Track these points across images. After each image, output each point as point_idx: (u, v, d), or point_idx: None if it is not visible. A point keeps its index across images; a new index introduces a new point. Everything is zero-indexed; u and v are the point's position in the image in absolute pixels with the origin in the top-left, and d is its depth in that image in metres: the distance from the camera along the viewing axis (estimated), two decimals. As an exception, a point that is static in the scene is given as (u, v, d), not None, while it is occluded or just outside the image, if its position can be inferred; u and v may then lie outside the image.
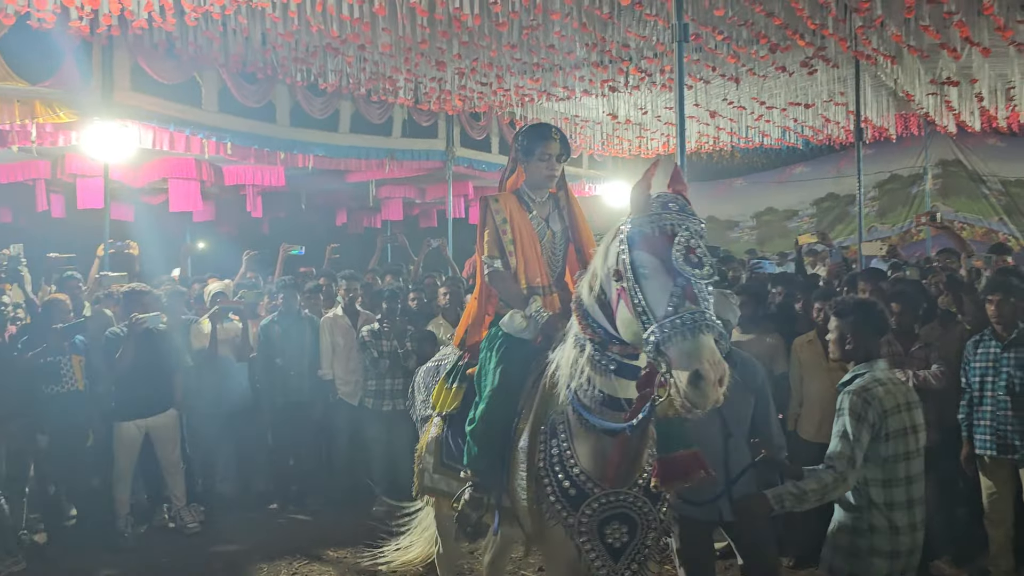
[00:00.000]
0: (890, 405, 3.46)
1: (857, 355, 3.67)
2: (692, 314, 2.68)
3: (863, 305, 3.75)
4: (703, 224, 2.93)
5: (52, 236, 11.22)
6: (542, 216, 3.94)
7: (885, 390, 3.49)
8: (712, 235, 16.35)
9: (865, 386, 3.51)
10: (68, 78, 8.13)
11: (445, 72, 9.82)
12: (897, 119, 13.53)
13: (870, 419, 3.43)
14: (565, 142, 3.90)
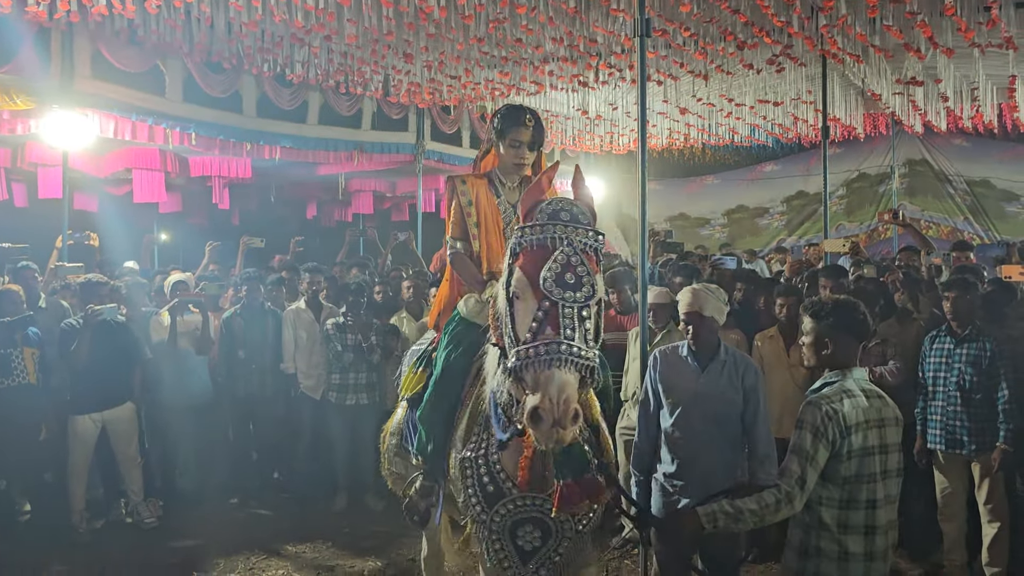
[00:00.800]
0: (855, 421, 3.09)
1: (834, 361, 3.27)
2: (548, 344, 2.53)
3: (843, 306, 3.30)
4: (599, 236, 2.77)
5: (14, 225, 11.02)
6: (511, 201, 3.83)
7: (852, 404, 3.12)
8: (683, 232, 16.44)
9: (828, 397, 3.15)
10: (26, 65, 7.99)
11: (413, 64, 9.76)
12: (865, 118, 13.62)
13: (829, 435, 3.07)
14: (539, 129, 3.77)
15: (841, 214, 16.88)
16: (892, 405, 3.26)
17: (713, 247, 15.39)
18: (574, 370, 2.55)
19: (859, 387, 3.21)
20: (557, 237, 2.69)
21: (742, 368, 4.20)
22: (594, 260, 2.75)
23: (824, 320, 3.28)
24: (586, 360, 2.58)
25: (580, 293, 2.61)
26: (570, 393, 2.51)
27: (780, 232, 17.88)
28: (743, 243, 17.19)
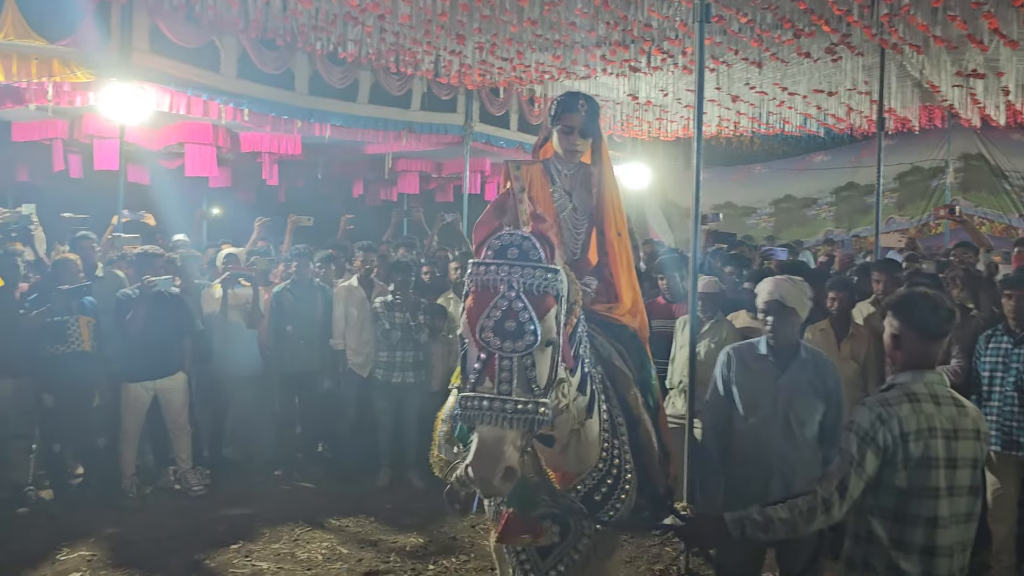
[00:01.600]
0: (915, 427, 2.76)
1: (907, 361, 2.92)
2: (479, 400, 2.46)
3: (919, 300, 2.94)
4: (549, 275, 2.58)
5: (69, 196, 11.26)
6: (566, 189, 3.79)
7: (913, 408, 2.78)
8: (729, 221, 16.26)
9: (886, 399, 2.84)
10: (86, 38, 8.10)
11: (465, 46, 9.75)
12: (921, 110, 13.35)
13: (880, 441, 2.76)
14: (593, 116, 3.70)
15: (892, 207, 16.57)
16: (973, 415, 2.89)
17: (759, 237, 15.24)
18: (509, 425, 2.45)
19: (930, 391, 2.85)
20: (501, 279, 2.54)
21: (823, 369, 3.99)
22: (545, 297, 2.58)
23: (900, 315, 2.95)
24: (522, 414, 2.46)
25: (520, 343, 2.48)
26: (498, 452, 2.42)
27: (827, 224, 17.63)
28: (789, 233, 16.99)
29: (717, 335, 5.77)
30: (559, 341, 2.63)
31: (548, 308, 2.57)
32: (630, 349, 3.66)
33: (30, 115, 10.07)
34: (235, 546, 5.82)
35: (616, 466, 3.18)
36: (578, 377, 2.93)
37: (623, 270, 3.75)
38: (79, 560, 5.55)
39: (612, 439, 3.20)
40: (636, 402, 3.35)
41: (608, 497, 3.17)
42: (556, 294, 2.61)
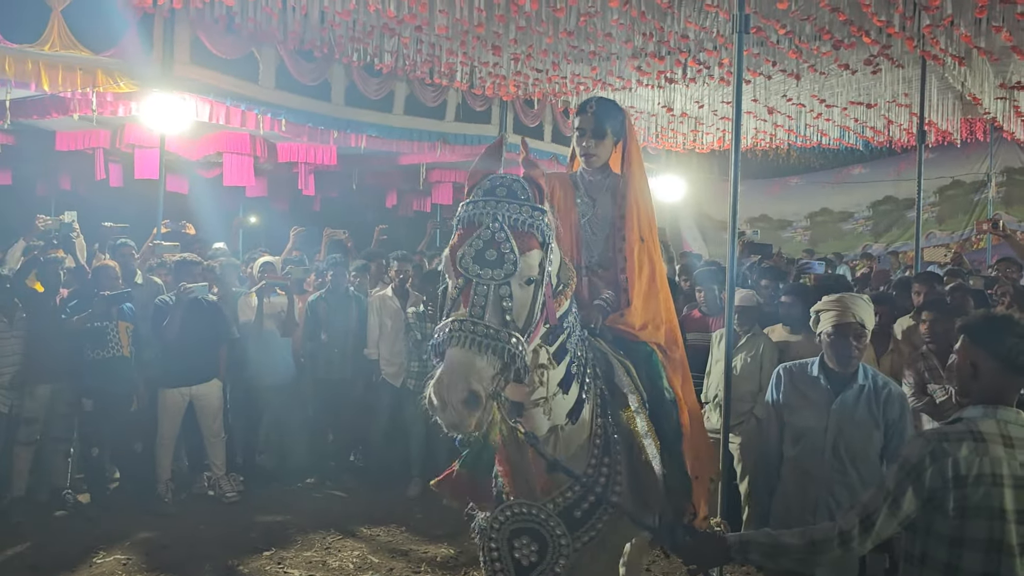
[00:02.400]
0: (975, 471, 2.41)
1: (981, 393, 2.55)
2: (454, 322, 2.36)
3: (1002, 325, 2.56)
4: (535, 212, 2.55)
5: (110, 205, 11.44)
6: (591, 196, 3.66)
7: (976, 449, 2.42)
8: (765, 234, 16.11)
9: (946, 434, 2.48)
10: (129, 49, 8.26)
11: (500, 57, 9.79)
12: (962, 123, 13.17)
13: (927, 480, 2.43)
14: (606, 116, 3.55)
15: (932, 222, 16.35)
16: None
17: (795, 250, 15.09)
18: (477, 349, 2.34)
19: (1003, 432, 2.48)
20: (487, 213, 2.49)
21: (884, 395, 3.61)
22: (529, 237, 2.52)
23: (981, 341, 2.56)
24: (493, 340, 2.35)
25: (500, 270, 2.42)
26: (462, 372, 2.31)
27: (864, 238, 17.43)
28: (825, 247, 16.81)
29: (754, 349, 5.69)
30: (541, 285, 2.55)
31: (531, 247, 2.52)
32: (641, 366, 3.42)
33: (74, 125, 10.29)
34: (267, 553, 5.84)
35: (602, 484, 2.95)
36: (562, 372, 2.79)
37: (640, 277, 3.54)
38: (115, 564, 5.60)
39: (603, 455, 2.99)
40: (632, 423, 3.11)
41: (589, 515, 2.95)
42: (541, 238, 2.55)
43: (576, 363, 2.87)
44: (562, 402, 2.83)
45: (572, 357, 2.83)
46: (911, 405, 5.26)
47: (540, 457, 2.78)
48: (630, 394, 3.16)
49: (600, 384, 3.09)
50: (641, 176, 3.67)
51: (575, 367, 2.85)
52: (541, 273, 2.55)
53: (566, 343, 2.80)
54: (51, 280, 6.57)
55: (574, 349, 2.86)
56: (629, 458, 3.07)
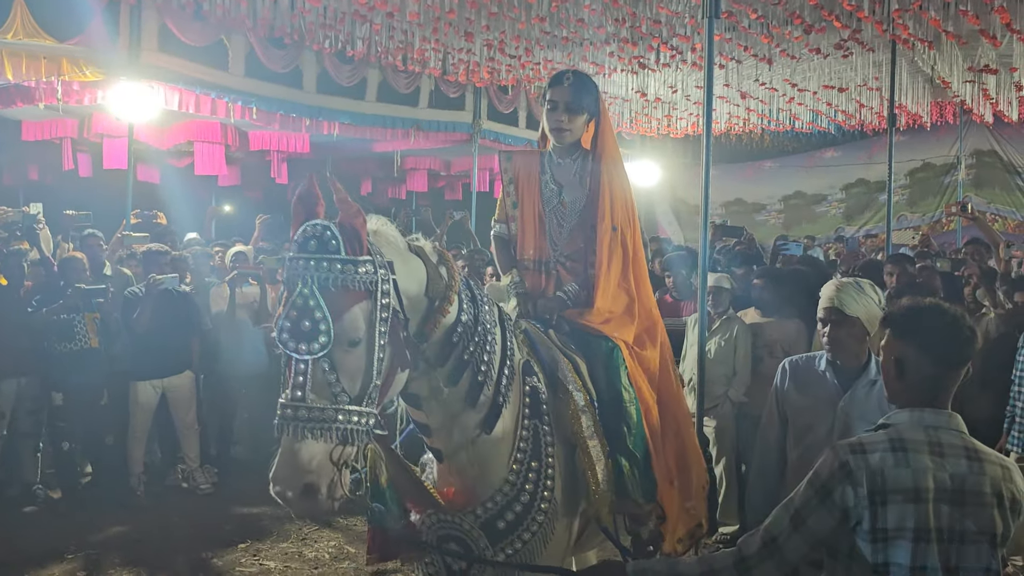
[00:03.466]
0: (899, 486, 2.09)
1: (914, 396, 2.23)
2: (279, 408, 2.22)
3: (932, 316, 2.24)
4: (352, 266, 2.27)
5: (79, 195, 11.29)
6: (559, 180, 3.40)
7: (896, 460, 2.11)
8: (739, 218, 16.22)
9: (863, 445, 2.17)
10: (95, 36, 8.14)
11: (473, 43, 9.74)
12: (932, 106, 13.29)
13: (837, 496, 2.12)
14: (583, 90, 3.30)
15: (903, 204, 16.51)
16: (997, 475, 2.14)
17: (768, 233, 15.17)
18: (303, 436, 2.19)
19: (931, 439, 2.15)
20: (298, 275, 2.26)
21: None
22: (347, 294, 2.27)
23: (907, 334, 2.24)
24: (318, 424, 2.20)
25: (315, 343, 2.21)
26: (292, 465, 2.19)
27: (838, 220, 17.57)
28: (799, 230, 16.92)
29: (728, 332, 5.73)
30: (375, 341, 2.30)
31: (349, 304, 2.27)
32: (598, 362, 3.20)
33: (40, 114, 10.12)
34: (243, 545, 5.81)
35: (529, 492, 2.75)
36: (464, 386, 2.64)
37: (608, 272, 3.29)
38: (87, 559, 5.54)
39: (531, 461, 2.79)
40: (577, 425, 2.91)
41: (515, 527, 2.74)
42: (364, 288, 2.29)
43: (483, 370, 2.68)
44: (469, 416, 2.69)
45: (476, 366, 2.65)
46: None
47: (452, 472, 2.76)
48: (575, 392, 2.97)
49: (536, 382, 2.89)
50: (615, 158, 3.41)
51: (480, 376, 2.66)
52: (371, 327, 2.30)
53: (463, 355, 2.63)
54: (15, 273, 6.46)
55: (478, 357, 2.66)
56: (569, 460, 2.91)
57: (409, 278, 2.47)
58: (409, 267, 2.50)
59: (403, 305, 2.40)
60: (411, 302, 2.47)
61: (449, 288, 2.60)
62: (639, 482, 3.06)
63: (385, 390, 2.38)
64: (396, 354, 2.38)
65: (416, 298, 2.51)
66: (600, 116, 3.40)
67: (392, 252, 2.46)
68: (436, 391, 2.62)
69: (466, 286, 2.72)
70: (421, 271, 2.55)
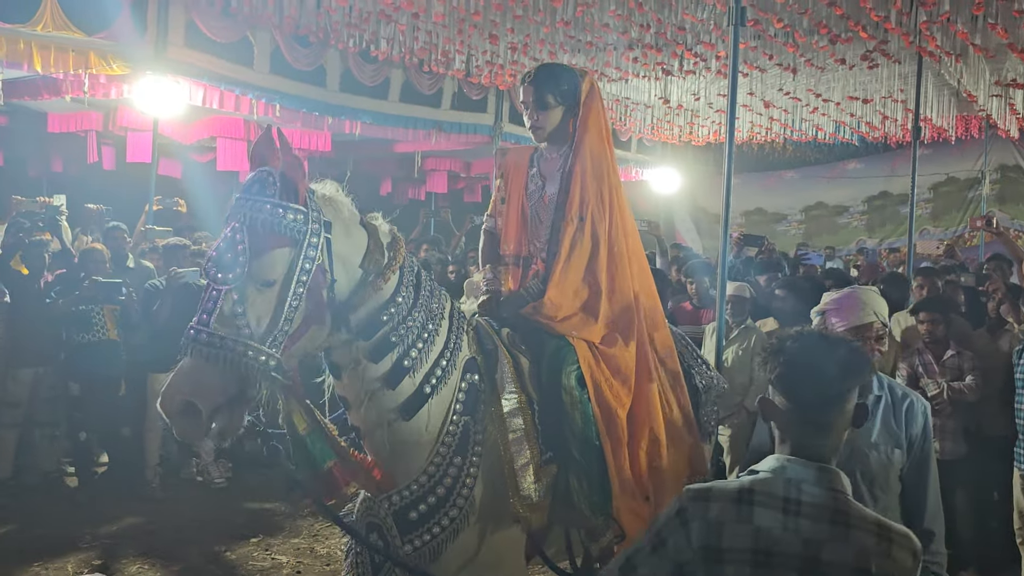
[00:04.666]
0: (733, 544, 1.83)
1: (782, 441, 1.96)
2: (187, 331, 2.32)
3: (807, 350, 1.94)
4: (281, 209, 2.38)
5: (102, 188, 11.39)
6: (544, 174, 3.29)
7: (743, 514, 1.84)
8: (759, 227, 16.14)
9: (708, 490, 1.92)
10: (123, 31, 8.19)
11: (497, 46, 9.74)
12: (958, 120, 13.16)
13: (672, 546, 1.88)
14: (544, 84, 3.16)
15: (926, 218, 16.37)
16: (862, 545, 1.79)
17: (788, 244, 15.10)
18: (201, 360, 2.28)
19: (793, 495, 1.84)
20: (235, 212, 2.39)
21: (905, 407, 2.93)
22: (272, 236, 2.37)
23: (764, 366, 2.01)
24: (216, 349, 2.27)
25: (229, 275, 2.32)
26: (180, 384, 2.27)
27: (859, 232, 17.46)
28: (820, 241, 16.84)
29: (745, 341, 5.71)
30: (290, 287, 2.38)
31: (271, 246, 2.37)
32: (542, 362, 3.04)
33: (66, 107, 10.21)
34: (255, 539, 5.83)
35: (446, 487, 2.70)
36: (385, 367, 2.65)
37: (566, 263, 3.10)
38: (101, 548, 5.59)
39: (454, 456, 2.74)
40: (502, 427, 2.83)
41: (426, 519, 2.70)
42: (290, 235, 2.39)
43: (412, 356, 2.68)
44: (387, 397, 2.69)
45: (403, 350, 2.67)
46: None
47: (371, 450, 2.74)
48: (510, 392, 2.89)
49: (476, 380, 2.85)
50: (595, 145, 3.20)
51: (408, 361, 2.68)
52: (290, 273, 2.39)
53: (390, 336, 2.65)
54: (36, 263, 6.52)
55: (408, 342, 2.68)
56: (495, 462, 2.82)
57: (348, 244, 2.58)
58: (351, 235, 2.61)
59: (332, 266, 2.50)
60: (345, 267, 2.57)
61: (388, 267, 2.66)
62: (586, 492, 2.91)
63: (294, 339, 2.44)
64: (313, 309, 2.46)
65: (351, 266, 2.60)
66: (582, 103, 3.20)
67: (335, 216, 2.56)
68: (356, 363, 2.65)
69: (413, 273, 2.77)
70: (362, 242, 2.64)
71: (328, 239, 2.48)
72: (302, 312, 2.43)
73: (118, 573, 5.28)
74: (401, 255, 2.73)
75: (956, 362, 5.31)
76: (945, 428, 5.23)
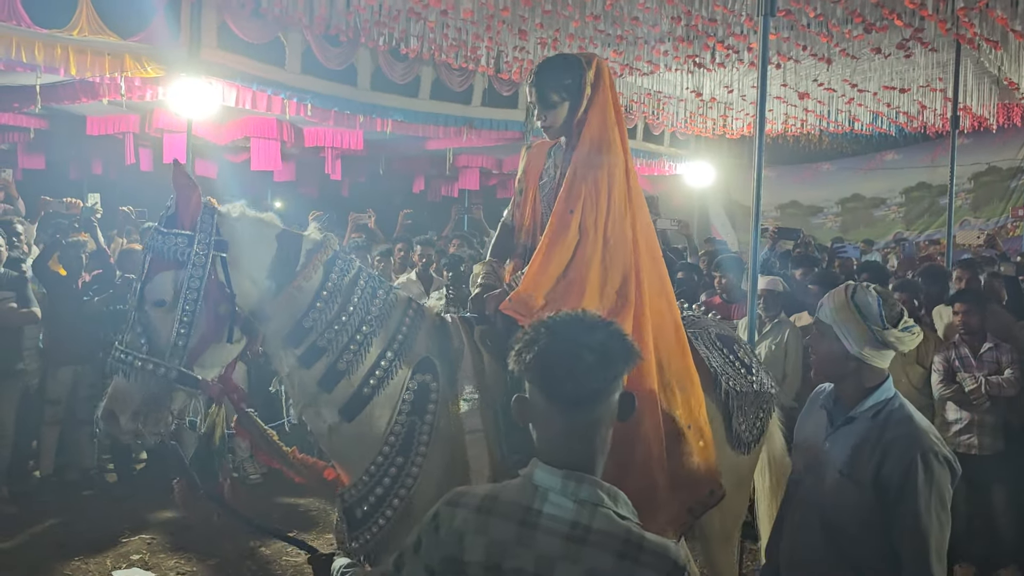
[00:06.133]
0: (471, 558, 1.65)
1: (538, 443, 1.75)
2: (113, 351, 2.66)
3: (560, 343, 1.67)
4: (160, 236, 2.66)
5: (139, 189, 11.56)
6: (557, 166, 3.21)
7: (481, 524, 1.66)
8: (795, 220, 15.98)
9: (460, 495, 1.76)
10: (157, 34, 8.33)
11: (527, 41, 9.73)
12: (999, 108, 12.90)
13: (424, 554, 1.72)
14: (545, 81, 3.07)
15: (967, 209, 16.07)
16: (597, 566, 1.57)
17: (824, 237, 14.91)
18: (113, 373, 2.62)
19: (534, 506, 1.65)
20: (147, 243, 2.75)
21: (890, 437, 2.35)
22: (160, 260, 2.63)
23: (520, 359, 1.73)
24: (123, 364, 2.58)
25: (131, 299, 2.66)
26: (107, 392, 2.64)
27: (896, 225, 17.18)
28: (857, 234, 16.60)
29: (779, 335, 5.64)
30: (180, 305, 2.60)
31: (160, 270, 2.63)
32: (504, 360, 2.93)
33: (103, 110, 10.38)
34: (289, 534, 5.87)
35: (384, 487, 2.73)
36: (319, 372, 2.73)
37: (547, 253, 2.98)
38: (140, 543, 5.68)
39: (397, 456, 2.74)
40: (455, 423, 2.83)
41: (368, 518, 2.75)
42: (176, 258, 2.62)
43: (346, 359, 2.74)
44: (325, 400, 2.77)
45: (336, 354, 2.73)
46: (939, 393, 5.19)
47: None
48: (470, 393, 2.85)
49: (428, 379, 2.83)
50: (596, 134, 3.07)
51: (342, 364, 2.73)
52: (178, 293, 2.60)
53: (317, 341, 2.73)
54: (73, 264, 6.63)
55: (338, 345, 2.74)
56: (448, 459, 2.81)
57: (252, 259, 2.73)
58: (256, 250, 2.75)
59: (229, 281, 2.66)
60: (252, 280, 2.73)
61: (299, 276, 2.75)
62: None
63: (198, 351, 2.64)
64: (212, 323, 2.65)
65: (258, 279, 2.74)
66: (584, 97, 3.06)
67: (233, 235, 2.71)
68: (292, 370, 2.77)
69: (347, 276, 2.82)
70: (269, 256, 2.76)
71: (223, 258, 2.66)
72: (200, 326, 2.62)
73: (155, 568, 5.36)
74: (318, 265, 2.78)
75: (994, 355, 5.19)
76: (984, 423, 5.13)
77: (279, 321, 2.73)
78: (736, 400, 3.37)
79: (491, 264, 3.32)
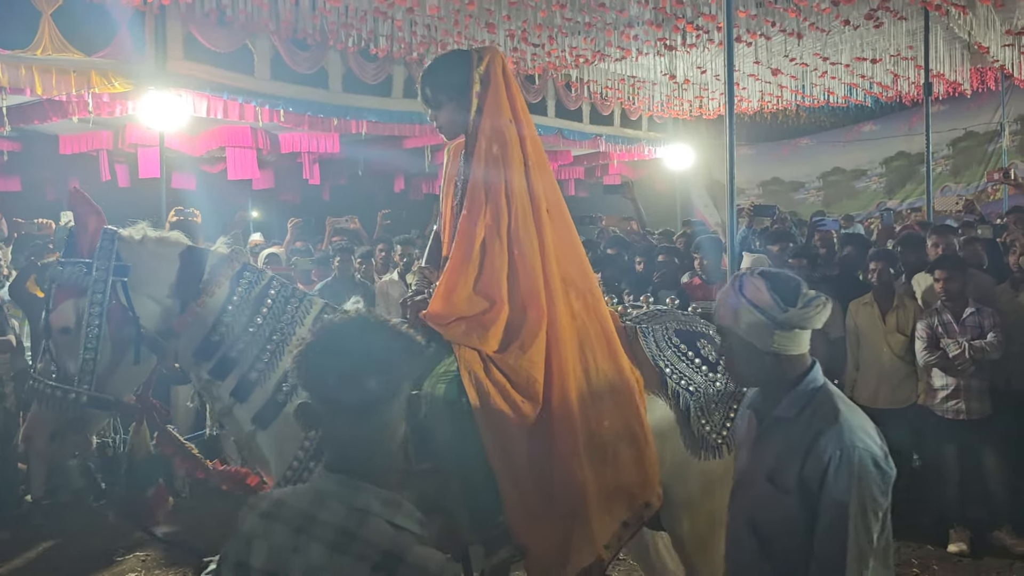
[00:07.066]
0: (257, 565, 1.60)
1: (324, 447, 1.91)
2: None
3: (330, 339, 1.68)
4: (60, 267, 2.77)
5: (119, 205, 11.41)
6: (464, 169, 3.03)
7: (263, 530, 1.62)
8: (777, 197, 16.00)
9: (257, 500, 1.71)
10: (122, 48, 8.26)
11: (496, 34, 9.70)
12: (972, 73, 12.94)
13: (231, 555, 1.65)
14: (429, 83, 2.99)
15: (947, 175, 16.13)
16: (351, 573, 1.53)
17: (807, 212, 14.94)
18: (33, 400, 2.73)
19: (311, 511, 1.61)
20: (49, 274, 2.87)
21: (812, 435, 2.14)
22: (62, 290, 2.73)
23: (296, 361, 1.71)
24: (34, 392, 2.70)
25: (42, 329, 2.77)
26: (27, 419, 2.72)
27: (880, 195, 17.23)
28: (840, 207, 16.65)
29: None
30: (81, 332, 2.68)
31: (61, 299, 2.73)
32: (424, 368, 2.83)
33: (75, 128, 10.29)
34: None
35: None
36: (232, 382, 2.78)
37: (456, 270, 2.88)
38: (135, 561, 5.65)
39: (310, 460, 2.69)
40: None
41: None
42: (75, 286, 2.71)
43: (258, 368, 2.78)
44: (240, 410, 2.82)
45: (247, 364, 2.78)
46: (923, 360, 5.19)
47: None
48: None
49: None
50: (491, 136, 2.91)
51: (255, 374, 2.78)
52: (79, 321, 2.68)
53: (228, 353, 2.78)
54: (49, 285, 6.57)
55: (250, 356, 2.78)
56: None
57: (155, 280, 2.79)
58: (158, 271, 2.81)
59: (131, 304, 2.72)
60: (156, 301, 2.79)
61: (204, 292, 2.79)
62: (466, 505, 2.74)
63: (106, 377, 2.71)
64: (117, 347, 2.71)
65: (161, 298, 2.80)
66: (473, 95, 2.92)
67: (135, 258, 2.77)
68: (206, 384, 2.83)
69: (256, 288, 2.85)
70: (170, 275, 2.81)
71: (124, 282, 2.72)
72: (106, 351, 2.70)
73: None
74: (223, 280, 2.82)
75: (976, 320, 5.19)
76: (970, 387, 5.14)
77: (187, 337, 2.79)
78: (694, 401, 3.07)
79: (423, 271, 3.19)
